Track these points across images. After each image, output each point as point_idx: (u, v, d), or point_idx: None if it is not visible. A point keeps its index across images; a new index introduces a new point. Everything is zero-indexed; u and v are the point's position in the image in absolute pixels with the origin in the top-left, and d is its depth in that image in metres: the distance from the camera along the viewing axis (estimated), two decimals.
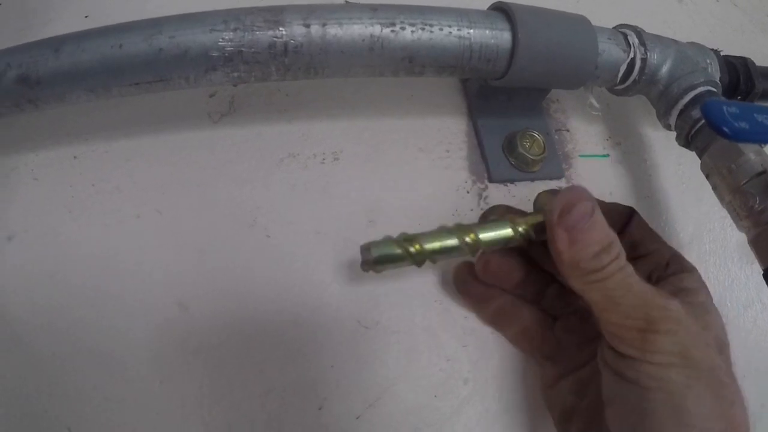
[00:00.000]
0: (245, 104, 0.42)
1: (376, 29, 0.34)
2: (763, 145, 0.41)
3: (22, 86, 0.33)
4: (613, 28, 0.46)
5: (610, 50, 0.42)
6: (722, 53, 0.54)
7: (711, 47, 0.56)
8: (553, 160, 0.46)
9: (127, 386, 0.34)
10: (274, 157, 0.41)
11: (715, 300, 0.52)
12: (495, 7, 0.39)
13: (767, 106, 0.36)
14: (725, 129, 0.30)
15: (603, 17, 0.54)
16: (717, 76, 0.50)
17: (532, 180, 0.46)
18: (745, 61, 0.54)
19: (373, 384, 0.37)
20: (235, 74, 0.34)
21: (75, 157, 0.40)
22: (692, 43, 0.51)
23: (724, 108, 0.31)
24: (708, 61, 0.50)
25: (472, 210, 0.43)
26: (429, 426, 0.37)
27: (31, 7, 0.45)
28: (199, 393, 0.34)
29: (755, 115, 0.32)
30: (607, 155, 0.52)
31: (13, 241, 0.38)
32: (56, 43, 0.33)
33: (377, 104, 0.45)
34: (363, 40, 0.34)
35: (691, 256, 0.51)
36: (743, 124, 0.31)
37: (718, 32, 0.81)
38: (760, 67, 0.56)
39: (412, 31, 0.34)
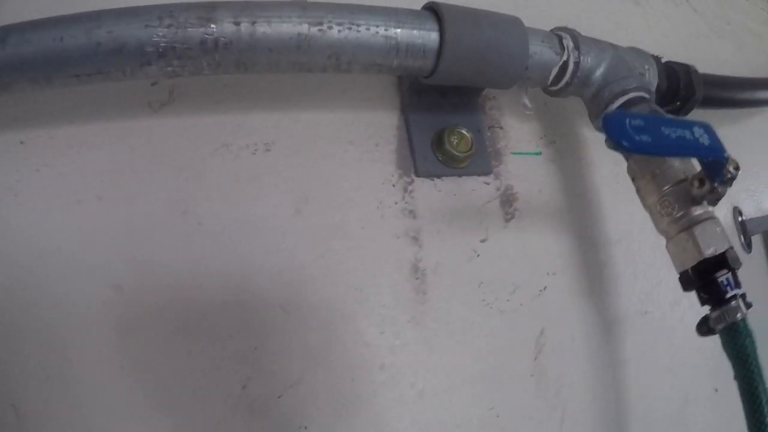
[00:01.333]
0: (184, 94, 0.44)
1: (304, 28, 0.36)
2: None
3: None
4: (551, 30, 0.48)
5: (543, 52, 0.44)
6: (666, 59, 0.57)
7: (666, 51, 0.59)
8: (482, 157, 0.49)
9: (68, 364, 0.36)
10: (209, 147, 0.43)
11: (643, 298, 0.55)
12: (426, 7, 0.41)
13: (679, 120, 0.38)
14: (624, 143, 0.32)
15: (557, 17, 0.56)
16: (654, 82, 0.53)
17: (460, 176, 0.48)
18: (687, 69, 0.57)
19: (294, 366, 0.40)
20: (169, 68, 0.36)
21: (21, 142, 0.42)
22: (632, 48, 0.54)
23: (627, 121, 0.32)
24: (646, 67, 0.53)
25: (396, 203, 0.46)
26: (346, 408, 0.40)
27: None
28: (133, 369, 0.37)
29: (662, 128, 0.34)
30: (540, 153, 0.55)
31: None
32: (2, 34, 0.35)
33: (311, 97, 0.47)
34: (290, 39, 0.36)
35: (619, 254, 0.55)
36: (645, 137, 0.32)
37: (672, 36, 0.84)
38: (705, 74, 0.60)
39: (339, 30, 0.36)
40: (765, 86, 0.75)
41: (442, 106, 0.48)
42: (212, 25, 0.36)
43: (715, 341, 0.47)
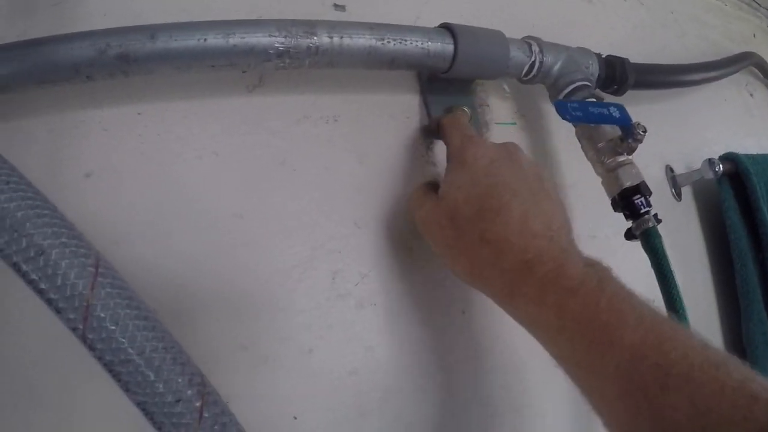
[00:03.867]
0: (271, 79, 0.63)
1: (372, 41, 0.60)
2: None
3: (121, 62, 0.49)
4: (522, 38, 0.74)
5: (517, 56, 0.71)
6: (610, 52, 0.84)
7: (614, 42, 0.91)
8: (477, 126, 0.75)
9: (199, 267, 0.56)
10: (294, 117, 0.64)
11: (592, 226, 0.84)
12: (443, 26, 0.67)
13: (601, 102, 0.67)
14: (567, 117, 0.61)
15: (527, 19, 0.83)
16: (596, 73, 0.79)
17: None
18: (622, 61, 0.84)
19: (364, 263, 0.65)
20: (282, 64, 0.57)
21: (139, 113, 0.56)
22: (580, 48, 0.80)
23: (568, 105, 0.62)
24: (590, 62, 0.79)
25: (422, 156, 0.71)
26: (400, 286, 0.66)
27: None
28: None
29: (589, 108, 0.64)
30: (515, 123, 0.82)
31: (91, 178, 0.53)
32: (151, 31, 0.50)
33: (363, 84, 0.69)
34: (364, 48, 0.60)
35: (573, 194, 0.82)
36: (578, 113, 0.62)
37: (620, 29, 1.09)
38: (636, 63, 0.86)
39: (394, 44, 0.61)
40: (686, 71, 1.03)
41: (449, 91, 0.73)
42: (314, 38, 0.56)
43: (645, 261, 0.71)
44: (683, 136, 1.15)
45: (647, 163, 1.01)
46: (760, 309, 1.05)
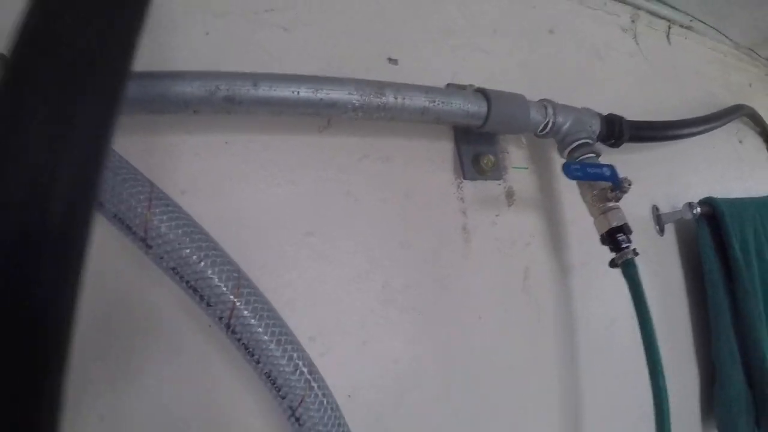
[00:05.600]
0: (337, 122, 0.76)
1: (426, 102, 0.74)
2: None
3: (227, 103, 0.59)
4: (539, 101, 0.89)
5: (536, 117, 0.86)
6: (608, 113, 0.97)
7: (619, 95, 1.07)
8: (498, 170, 0.91)
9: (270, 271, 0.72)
10: (356, 155, 0.78)
11: (584, 254, 1.00)
12: (479, 90, 0.82)
13: (596, 163, 0.83)
14: (569, 175, 0.78)
15: (542, 74, 0.97)
16: (597, 130, 0.94)
17: (485, 180, 0.88)
18: (620, 119, 0.98)
19: (409, 282, 0.83)
20: (355, 116, 0.71)
21: (226, 142, 0.65)
22: (586, 109, 0.94)
23: (571, 166, 0.78)
24: (593, 122, 0.94)
25: (454, 193, 0.86)
26: (435, 299, 0.84)
27: (155, 16, 0.54)
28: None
29: (587, 168, 0.81)
30: (527, 168, 0.97)
31: (186, 195, 0.61)
32: (254, 79, 0.60)
33: (410, 132, 0.84)
34: (419, 108, 0.74)
35: (574, 231, 0.97)
36: (579, 174, 0.79)
37: (624, 83, 1.23)
38: (632, 120, 1.00)
39: (442, 105, 0.76)
40: (677, 127, 1.17)
41: (477, 141, 0.89)
42: (383, 97, 0.70)
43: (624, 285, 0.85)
44: (670, 179, 1.29)
45: (636, 202, 1.16)
46: (728, 330, 1.21)
